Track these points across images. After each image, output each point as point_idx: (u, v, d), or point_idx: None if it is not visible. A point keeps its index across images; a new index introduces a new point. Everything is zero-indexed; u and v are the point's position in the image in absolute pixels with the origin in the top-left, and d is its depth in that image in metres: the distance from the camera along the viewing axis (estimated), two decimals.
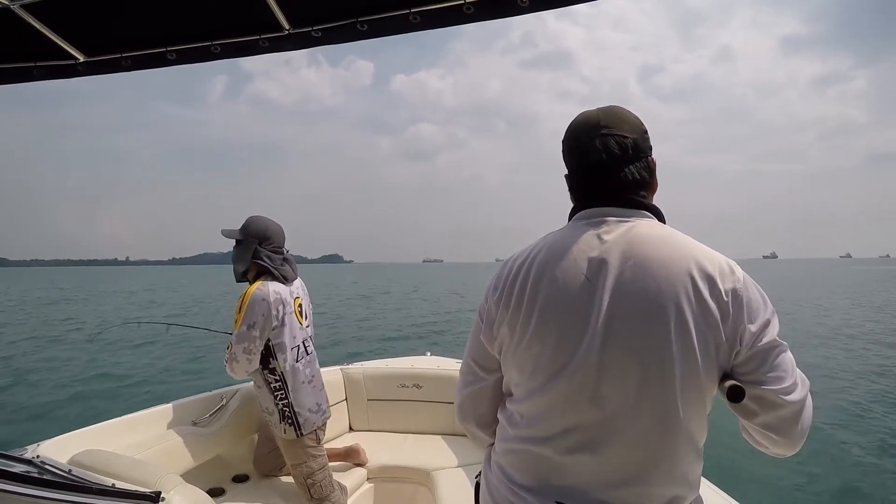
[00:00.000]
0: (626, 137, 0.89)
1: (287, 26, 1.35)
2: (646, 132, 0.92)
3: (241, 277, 2.16)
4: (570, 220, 0.95)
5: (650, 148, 0.93)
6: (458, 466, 2.51)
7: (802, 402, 0.82)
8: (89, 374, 8.86)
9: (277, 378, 2.09)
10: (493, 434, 1.00)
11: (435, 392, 2.95)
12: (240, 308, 2.03)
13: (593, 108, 0.95)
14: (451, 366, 3.10)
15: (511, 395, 0.94)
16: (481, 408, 1.01)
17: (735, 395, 0.78)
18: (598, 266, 0.83)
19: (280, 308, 2.06)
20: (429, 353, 3.52)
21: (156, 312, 21.70)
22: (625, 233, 0.85)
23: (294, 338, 2.13)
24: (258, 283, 2.06)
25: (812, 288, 32.82)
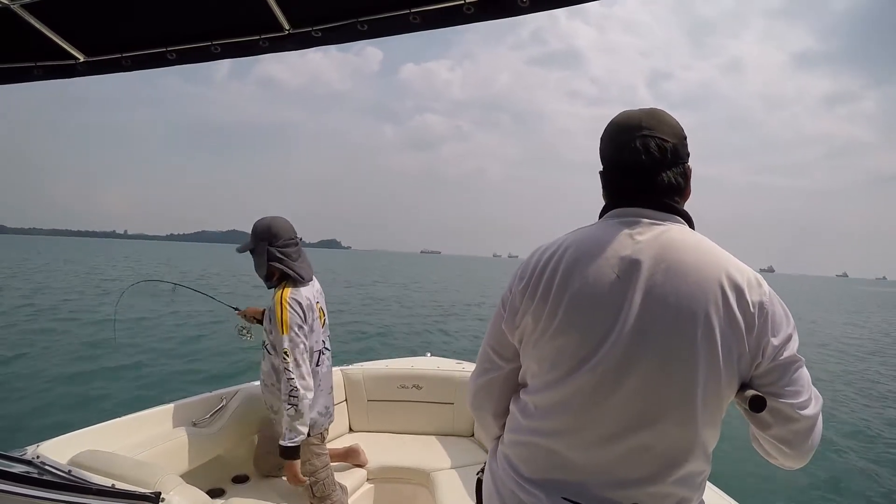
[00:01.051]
0: (667, 141, 0.89)
1: (287, 26, 1.35)
2: (685, 138, 0.92)
3: (269, 284, 2.18)
4: (600, 217, 0.95)
5: (688, 155, 0.93)
6: (457, 467, 2.51)
7: (816, 417, 0.84)
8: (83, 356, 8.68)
9: None
10: (503, 427, 1.00)
11: (435, 393, 2.95)
12: (280, 317, 2.03)
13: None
14: (451, 366, 3.10)
15: (527, 385, 0.94)
16: (495, 396, 1.01)
17: (757, 405, 0.79)
18: (630, 266, 0.83)
19: (310, 313, 2.10)
20: (429, 354, 3.52)
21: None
22: (658, 235, 0.85)
23: (317, 341, 2.17)
24: (289, 289, 2.08)
25: (836, 312, 27.62)
